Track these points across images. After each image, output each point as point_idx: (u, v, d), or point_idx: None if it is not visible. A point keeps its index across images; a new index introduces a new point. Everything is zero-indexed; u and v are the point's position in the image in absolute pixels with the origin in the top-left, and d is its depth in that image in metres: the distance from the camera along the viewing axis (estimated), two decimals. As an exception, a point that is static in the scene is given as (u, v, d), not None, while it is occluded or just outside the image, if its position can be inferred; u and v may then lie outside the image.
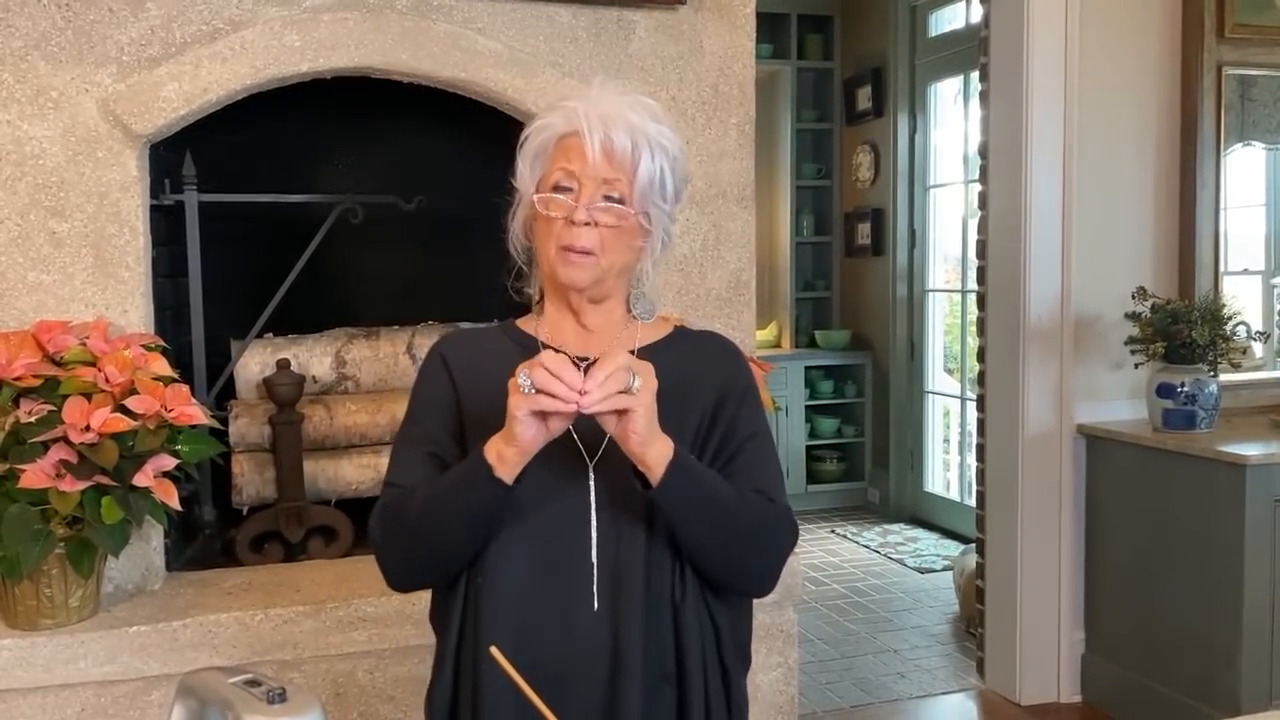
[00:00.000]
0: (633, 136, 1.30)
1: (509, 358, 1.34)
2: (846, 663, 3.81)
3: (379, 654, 2.18)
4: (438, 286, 2.90)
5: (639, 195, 1.31)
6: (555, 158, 1.32)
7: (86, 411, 1.91)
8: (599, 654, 1.28)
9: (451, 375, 1.38)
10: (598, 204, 1.29)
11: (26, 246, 2.15)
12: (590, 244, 1.29)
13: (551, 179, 1.31)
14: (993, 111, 3.42)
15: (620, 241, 1.32)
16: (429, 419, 1.37)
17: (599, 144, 1.28)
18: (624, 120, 1.30)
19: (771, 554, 1.37)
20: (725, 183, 2.57)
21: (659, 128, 1.32)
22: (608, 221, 1.30)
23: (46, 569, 1.98)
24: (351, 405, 2.55)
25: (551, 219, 1.30)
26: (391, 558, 1.35)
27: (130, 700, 2.06)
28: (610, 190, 1.30)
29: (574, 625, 1.28)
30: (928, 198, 5.64)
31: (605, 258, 1.31)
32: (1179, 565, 3.05)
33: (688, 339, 1.45)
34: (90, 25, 2.15)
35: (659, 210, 1.34)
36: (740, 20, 2.56)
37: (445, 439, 1.35)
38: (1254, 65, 3.43)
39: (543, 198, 1.31)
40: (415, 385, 1.42)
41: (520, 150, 1.36)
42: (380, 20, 2.29)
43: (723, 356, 1.43)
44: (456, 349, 1.41)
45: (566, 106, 1.32)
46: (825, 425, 6.02)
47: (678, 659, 1.31)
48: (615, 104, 1.31)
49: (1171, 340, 3.07)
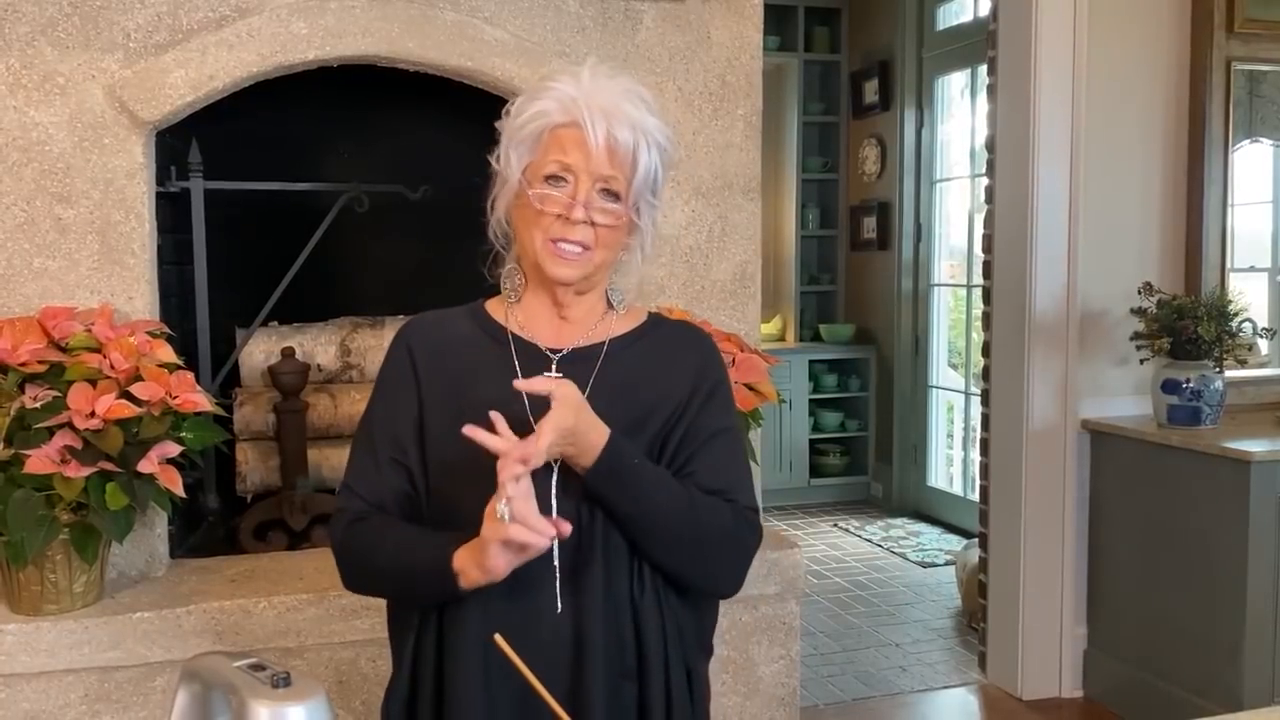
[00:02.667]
0: (634, 133, 1.26)
1: (476, 345, 1.35)
2: (848, 656, 3.81)
3: (381, 642, 2.17)
4: (443, 276, 2.89)
5: (635, 193, 1.28)
6: (549, 147, 1.27)
7: (91, 398, 1.91)
8: (562, 653, 1.27)
9: (415, 366, 1.35)
10: (595, 202, 1.27)
11: (32, 232, 2.15)
12: (586, 239, 1.28)
13: (544, 169, 1.27)
14: (1000, 106, 3.41)
15: (613, 239, 1.30)
16: (391, 419, 1.35)
17: (602, 140, 1.25)
18: (625, 115, 1.26)
19: (728, 554, 1.35)
20: (731, 175, 2.56)
21: (655, 122, 1.30)
22: (604, 221, 1.28)
23: (51, 555, 1.99)
24: (356, 394, 2.55)
25: (542, 211, 1.28)
26: (350, 577, 1.36)
27: (134, 686, 2.06)
28: (607, 186, 1.27)
29: (538, 626, 1.27)
30: (934, 192, 5.63)
31: (597, 254, 1.30)
32: (1182, 561, 3.04)
33: (660, 330, 1.42)
34: (97, 11, 2.15)
35: (649, 206, 1.32)
36: (748, 12, 2.55)
37: (407, 437, 1.33)
38: (1263, 60, 3.41)
39: (538, 193, 1.27)
40: (379, 375, 1.39)
41: (506, 132, 1.31)
42: (387, 8, 2.29)
43: (694, 349, 1.41)
44: (422, 336, 1.38)
45: (560, 92, 1.27)
46: (829, 419, 6.01)
47: (639, 656, 1.30)
48: (613, 96, 1.27)
49: (1177, 336, 3.07)
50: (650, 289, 2.48)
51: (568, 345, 1.35)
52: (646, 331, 1.40)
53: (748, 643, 2.41)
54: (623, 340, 1.37)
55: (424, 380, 1.34)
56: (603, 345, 1.35)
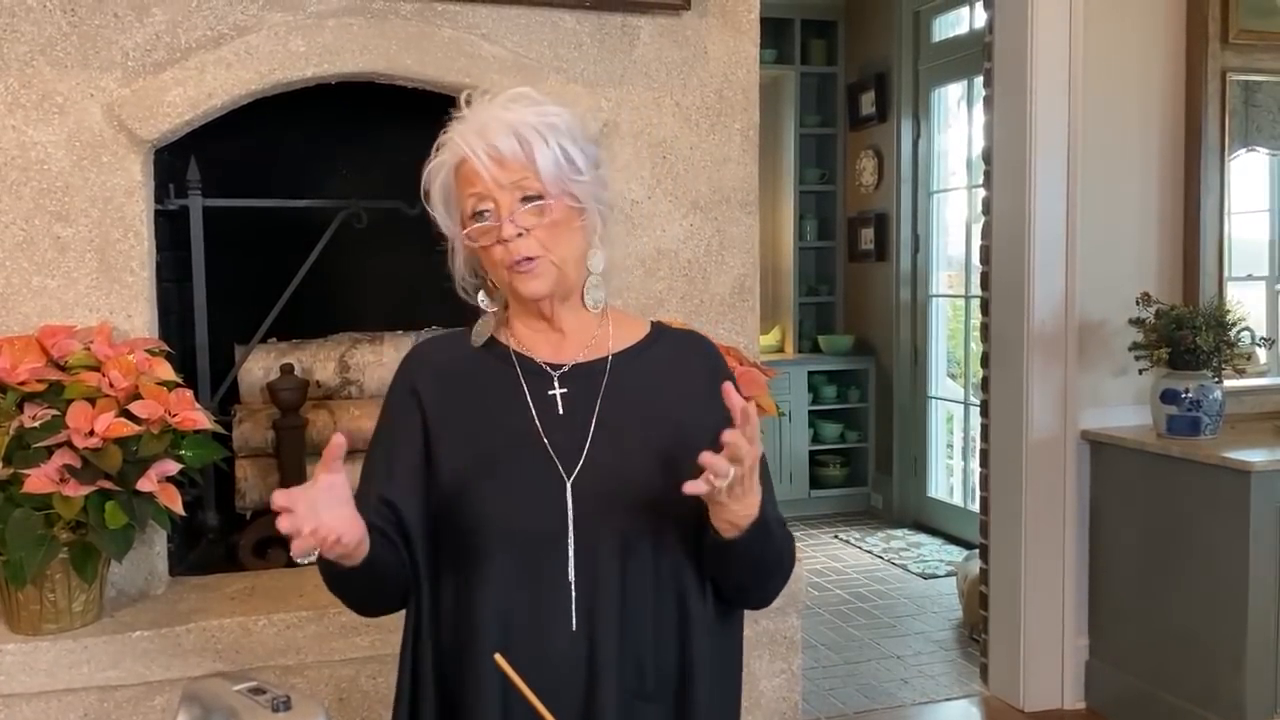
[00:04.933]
0: (515, 132, 1.26)
1: (480, 364, 1.36)
2: (850, 668, 3.80)
3: (381, 659, 2.18)
4: (441, 291, 2.89)
5: (550, 183, 1.27)
6: (460, 189, 1.30)
7: (90, 416, 1.91)
8: (576, 671, 1.26)
9: (419, 394, 1.35)
10: (519, 211, 1.27)
11: (31, 251, 2.15)
12: (531, 250, 1.27)
13: (467, 208, 1.29)
14: (997, 116, 3.42)
15: (559, 234, 1.29)
16: (387, 448, 1.36)
17: (486, 157, 1.25)
18: (500, 123, 1.27)
19: (785, 576, 1.38)
20: (729, 188, 2.57)
21: (539, 110, 1.29)
22: (534, 222, 1.27)
23: (50, 573, 1.98)
24: (355, 410, 2.55)
25: (487, 247, 1.29)
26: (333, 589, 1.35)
27: (133, 705, 2.06)
28: (524, 191, 1.27)
29: (552, 642, 1.26)
30: (931, 203, 5.64)
31: (554, 254, 1.29)
32: (1183, 571, 3.04)
33: (667, 340, 1.42)
34: (95, 30, 2.15)
35: (581, 184, 1.30)
36: (744, 25, 2.56)
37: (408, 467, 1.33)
38: (1258, 71, 3.43)
39: (468, 231, 1.29)
40: (384, 404, 1.40)
41: (429, 202, 1.33)
42: (385, 26, 2.30)
43: (705, 358, 1.41)
44: (424, 362, 1.40)
45: (447, 139, 1.30)
46: (828, 430, 6.01)
47: (657, 677, 1.29)
48: (488, 112, 1.28)
49: (1176, 346, 3.07)
50: (649, 302, 2.48)
51: (568, 361, 1.35)
52: (653, 341, 1.40)
53: (749, 657, 2.40)
54: (627, 354, 1.37)
55: (429, 406, 1.34)
56: (606, 360, 1.35)
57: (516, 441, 1.30)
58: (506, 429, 1.31)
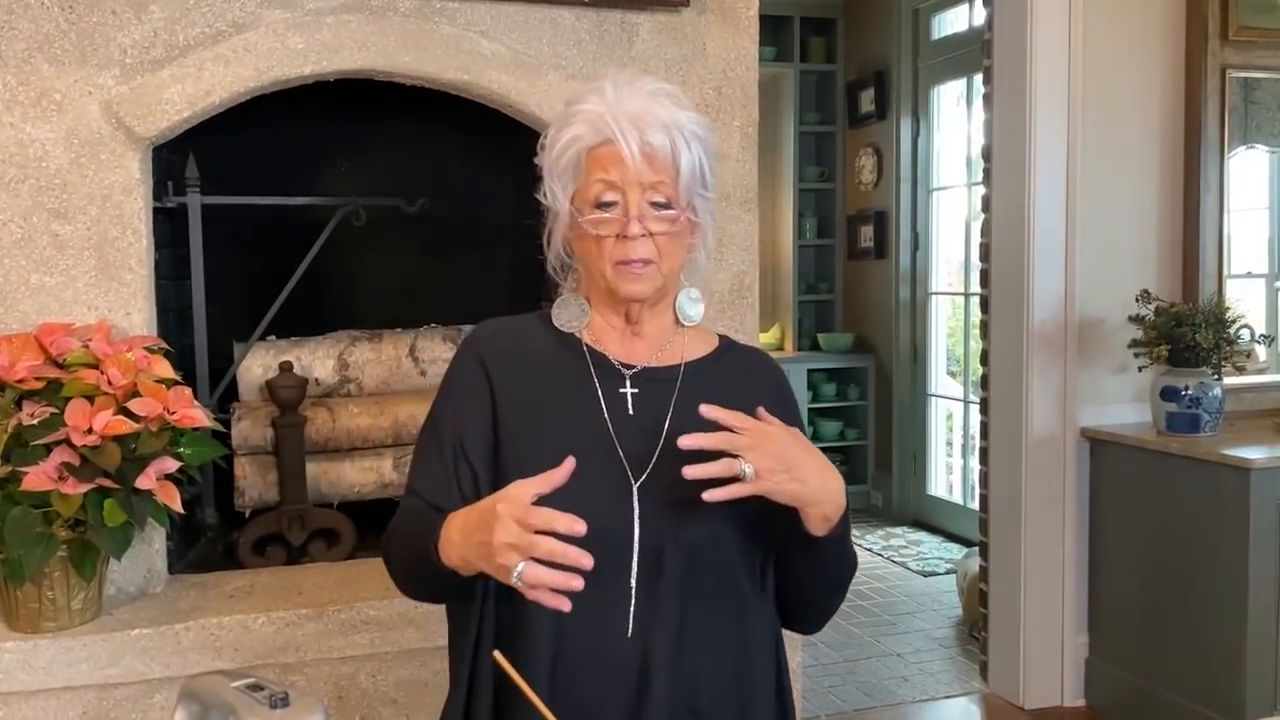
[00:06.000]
0: (669, 134, 1.24)
1: (551, 356, 1.32)
2: (849, 666, 3.80)
3: (381, 657, 2.18)
4: (440, 289, 2.90)
5: (684, 193, 1.26)
6: (590, 170, 1.25)
7: (89, 414, 1.90)
8: (627, 679, 1.22)
9: (489, 374, 1.30)
10: (649, 213, 1.25)
11: (29, 249, 2.14)
12: (649, 254, 1.25)
13: (591, 193, 1.25)
14: (996, 114, 3.42)
15: (676, 245, 1.28)
16: (459, 425, 1.30)
17: (638, 149, 1.22)
18: (655, 118, 1.23)
19: (844, 593, 1.37)
20: (729, 185, 2.56)
21: (688, 115, 1.27)
22: (662, 230, 1.25)
23: (49, 572, 1.98)
24: (354, 408, 2.55)
25: (601, 238, 1.26)
26: (391, 571, 1.33)
27: (132, 703, 2.06)
28: (655, 195, 1.25)
29: (605, 648, 1.23)
30: (931, 200, 5.64)
31: (664, 263, 1.27)
32: (1183, 569, 3.04)
33: (735, 355, 1.41)
34: (93, 27, 2.15)
35: (704, 200, 1.30)
36: (744, 23, 2.55)
37: (477, 444, 1.28)
38: (1258, 68, 3.43)
39: (591, 219, 1.25)
40: (446, 380, 1.35)
41: (546, 167, 1.29)
42: (383, 23, 2.29)
43: (770, 376, 1.40)
44: (493, 344, 1.34)
45: (588, 112, 1.25)
46: (828, 428, 6.01)
47: (712, 693, 1.26)
48: (640, 101, 1.24)
49: (1175, 343, 3.07)
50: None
51: (640, 362, 1.33)
52: (721, 356, 1.39)
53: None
54: (698, 364, 1.35)
55: (499, 389, 1.30)
56: (678, 367, 1.34)
57: (586, 437, 1.26)
58: (578, 423, 1.28)
